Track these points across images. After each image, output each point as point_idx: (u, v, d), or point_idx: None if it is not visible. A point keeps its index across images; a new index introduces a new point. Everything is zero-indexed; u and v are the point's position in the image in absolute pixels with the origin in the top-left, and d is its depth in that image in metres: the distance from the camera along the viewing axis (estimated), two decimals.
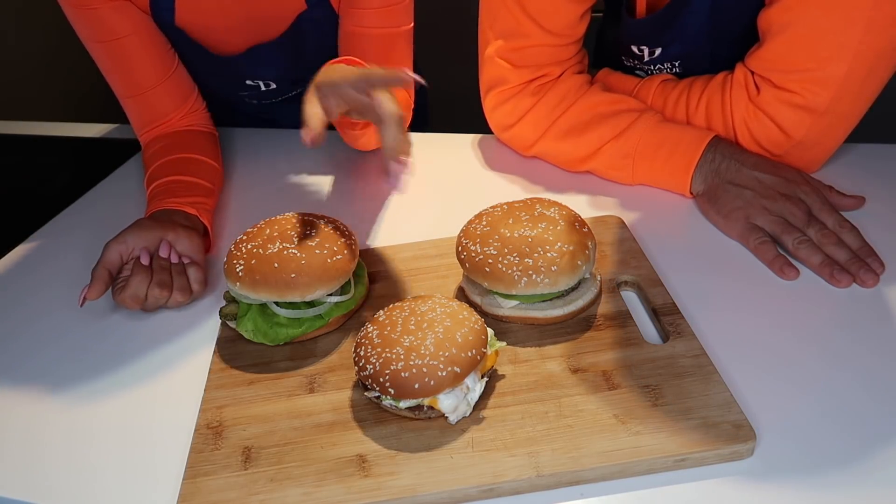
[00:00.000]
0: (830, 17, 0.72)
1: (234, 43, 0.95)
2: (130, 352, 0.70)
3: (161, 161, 0.89)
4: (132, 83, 0.92)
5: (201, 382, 0.65)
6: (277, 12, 0.92)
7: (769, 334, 0.65)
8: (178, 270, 0.74)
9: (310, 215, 0.72)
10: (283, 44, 0.95)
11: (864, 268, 0.70)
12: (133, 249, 0.74)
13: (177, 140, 0.93)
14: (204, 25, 0.92)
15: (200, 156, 0.91)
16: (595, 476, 0.53)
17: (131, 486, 0.57)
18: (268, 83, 1.02)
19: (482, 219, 0.69)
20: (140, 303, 0.72)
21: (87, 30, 0.88)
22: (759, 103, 0.80)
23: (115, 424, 0.62)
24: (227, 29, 0.92)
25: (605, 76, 0.95)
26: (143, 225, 0.75)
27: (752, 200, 0.76)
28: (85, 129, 1.20)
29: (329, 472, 0.55)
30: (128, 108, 0.94)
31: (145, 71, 0.91)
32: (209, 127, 0.99)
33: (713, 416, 0.55)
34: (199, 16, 0.90)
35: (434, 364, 0.55)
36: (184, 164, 0.89)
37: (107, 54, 0.90)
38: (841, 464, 0.53)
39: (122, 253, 0.73)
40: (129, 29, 0.88)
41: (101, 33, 0.88)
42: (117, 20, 0.87)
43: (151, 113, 0.94)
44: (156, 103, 0.94)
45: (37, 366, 0.70)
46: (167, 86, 0.93)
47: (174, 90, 0.94)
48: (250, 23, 0.92)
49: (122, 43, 0.89)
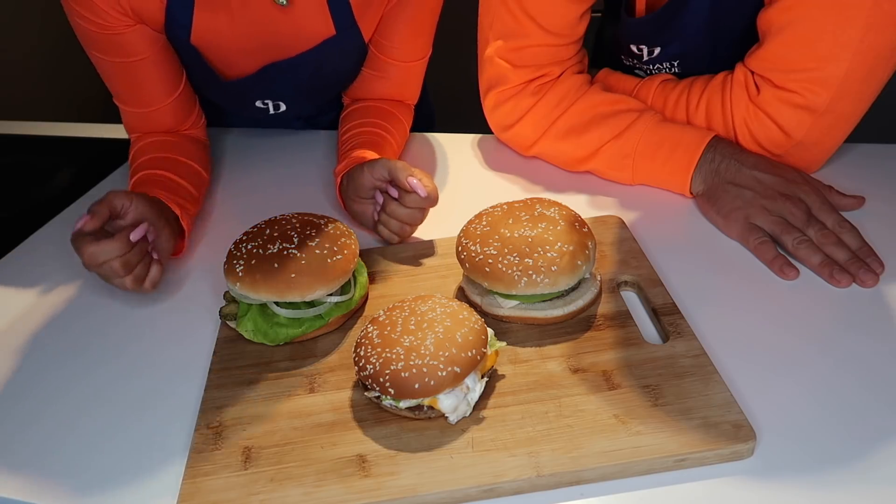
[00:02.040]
0: (830, 17, 0.72)
1: (248, 64, 0.91)
2: (130, 351, 0.70)
3: (152, 155, 0.87)
4: (137, 100, 0.89)
5: (201, 382, 0.65)
6: (303, 39, 0.88)
7: (769, 334, 0.65)
8: (146, 261, 0.72)
9: (310, 215, 0.72)
10: (298, 65, 0.91)
11: (864, 268, 0.70)
12: (128, 213, 0.71)
13: (170, 141, 0.91)
14: (219, 46, 0.88)
15: (191, 161, 0.90)
16: (595, 476, 0.53)
17: (131, 486, 0.57)
18: (277, 104, 0.99)
19: (482, 219, 0.69)
20: (92, 263, 0.68)
21: (100, 48, 0.85)
22: (760, 103, 0.80)
23: (114, 424, 0.62)
24: (244, 51, 0.89)
25: (605, 76, 0.95)
26: (149, 201, 0.74)
27: (751, 200, 0.76)
28: (85, 129, 1.20)
29: (329, 472, 0.55)
30: (125, 115, 0.92)
31: (153, 91, 0.89)
32: (203, 137, 0.98)
33: (713, 416, 0.55)
34: (216, 36, 0.87)
35: (434, 364, 0.55)
36: (174, 163, 0.87)
37: (117, 73, 0.87)
38: (841, 463, 0.53)
39: (124, 208, 0.71)
40: (142, 52, 0.85)
41: (116, 54, 0.85)
42: (133, 42, 0.84)
43: (150, 126, 0.92)
44: (157, 119, 0.91)
45: (36, 365, 0.70)
46: (172, 104, 0.91)
47: (178, 109, 0.92)
48: (269, 48, 0.89)
49: (135, 64, 0.86)
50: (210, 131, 1.11)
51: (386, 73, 0.95)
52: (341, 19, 0.86)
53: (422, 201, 0.76)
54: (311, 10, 0.85)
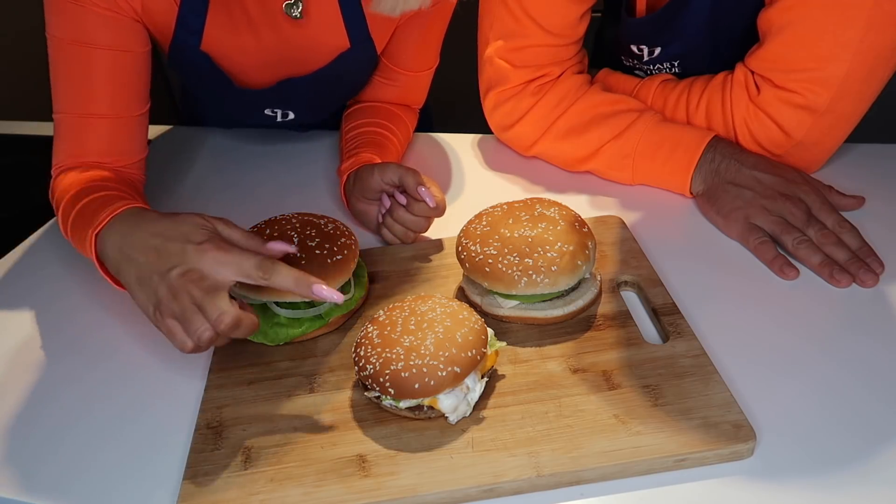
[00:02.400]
0: (831, 17, 0.72)
1: (262, 77, 0.88)
2: (130, 351, 0.70)
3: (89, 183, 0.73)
4: (79, 99, 0.75)
5: (201, 382, 0.65)
6: (318, 52, 0.86)
7: (769, 334, 0.65)
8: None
9: (310, 215, 0.72)
10: (315, 80, 0.89)
11: (864, 268, 0.70)
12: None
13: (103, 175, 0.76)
14: (232, 59, 0.84)
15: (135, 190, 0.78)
16: (595, 476, 0.53)
17: (131, 486, 0.57)
18: (286, 113, 0.96)
19: (482, 219, 0.69)
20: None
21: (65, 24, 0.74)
22: (760, 103, 0.80)
23: (114, 424, 0.62)
24: (259, 65, 0.86)
25: (605, 76, 0.95)
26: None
27: (751, 200, 0.76)
28: None
29: (329, 472, 0.55)
30: (58, 127, 0.77)
31: (100, 94, 0.75)
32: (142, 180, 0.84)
33: (713, 416, 0.55)
34: (230, 50, 0.83)
35: (434, 364, 0.55)
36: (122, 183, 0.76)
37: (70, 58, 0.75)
38: (841, 463, 0.53)
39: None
40: (107, 42, 0.75)
41: (79, 33, 0.74)
42: (100, 27, 0.74)
43: (81, 146, 0.76)
44: (92, 136, 0.76)
45: (36, 365, 0.70)
46: (116, 124, 0.77)
47: (123, 133, 0.78)
48: (284, 62, 0.86)
49: (95, 53, 0.74)
50: (209, 131, 1.11)
51: (395, 82, 0.96)
52: (356, 32, 0.85)
53: (429, 211, 0.76)
54: (326, 23, 0.83)
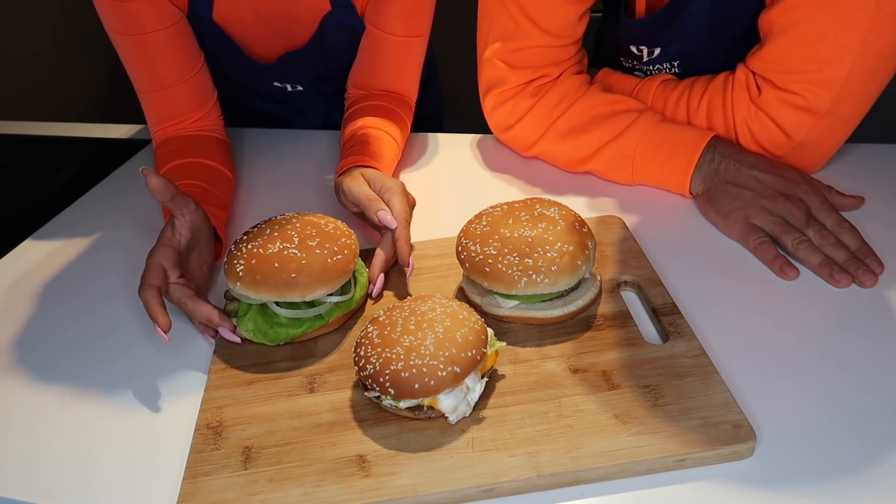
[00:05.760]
0: (832, 19, 0.72)
1: (267, 51, 0.97)
2: (130, 351, 0.70)
3: (177, 162, 0.88)
4: (154, 78, 0.91)
5: (201, 382, 0.65)
6: (303, 17, 0.93)
7: (769, 334, 0.65)
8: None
9: (310, 215, 0.72)
10: (310, 51, 0.97)
11: (863, 268, 0.70)
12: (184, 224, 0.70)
13: (193, 144, 0.92)
14: (237, 28, 0.93)
15: (216, 163, 0.90)
16: (595, 476, 0.53)
17: (131, 486, 0.57)
18: (295, 86, 1.05)
19: (482, 219, 0.69)
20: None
21: (116, 21, 0.87)
22: (761, 104, 0.80)
23: (115, 424, 0.62)
24: (261, 38, 0.94)
25: (604, 76, 0.95)
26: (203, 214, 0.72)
27: (751, 200, 0.76)
28: (85, 129, 1.20)
29: (329, 472, 0.55)
30: (145, 104, 0.94)
31: (168, 68, 0.90)
32: (223, 134, 0.99)
33: (713, 416, 0.55)
34: (234, 11, 0.91)
35: (434, 364, 0.55)
36: (201, 169, 0.88)
37: (132, 47, 0.89)
38: (841, 463, 0.53)
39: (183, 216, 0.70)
40: (158, 24, 0.87)
41: (130, 26, 0.87)
42: (148, 14, 0.86)
43: (168, 110, 0.93)
44: (174, 101, 0.93)
45: (36, 365, 0.70)
46: (188, 85, 0.92)
47: (194, 91, 0.94)
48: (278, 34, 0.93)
49: (150, 38, 0.87)
50: None
51: (383, 51, 0.95)
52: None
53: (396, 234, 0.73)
54: None
